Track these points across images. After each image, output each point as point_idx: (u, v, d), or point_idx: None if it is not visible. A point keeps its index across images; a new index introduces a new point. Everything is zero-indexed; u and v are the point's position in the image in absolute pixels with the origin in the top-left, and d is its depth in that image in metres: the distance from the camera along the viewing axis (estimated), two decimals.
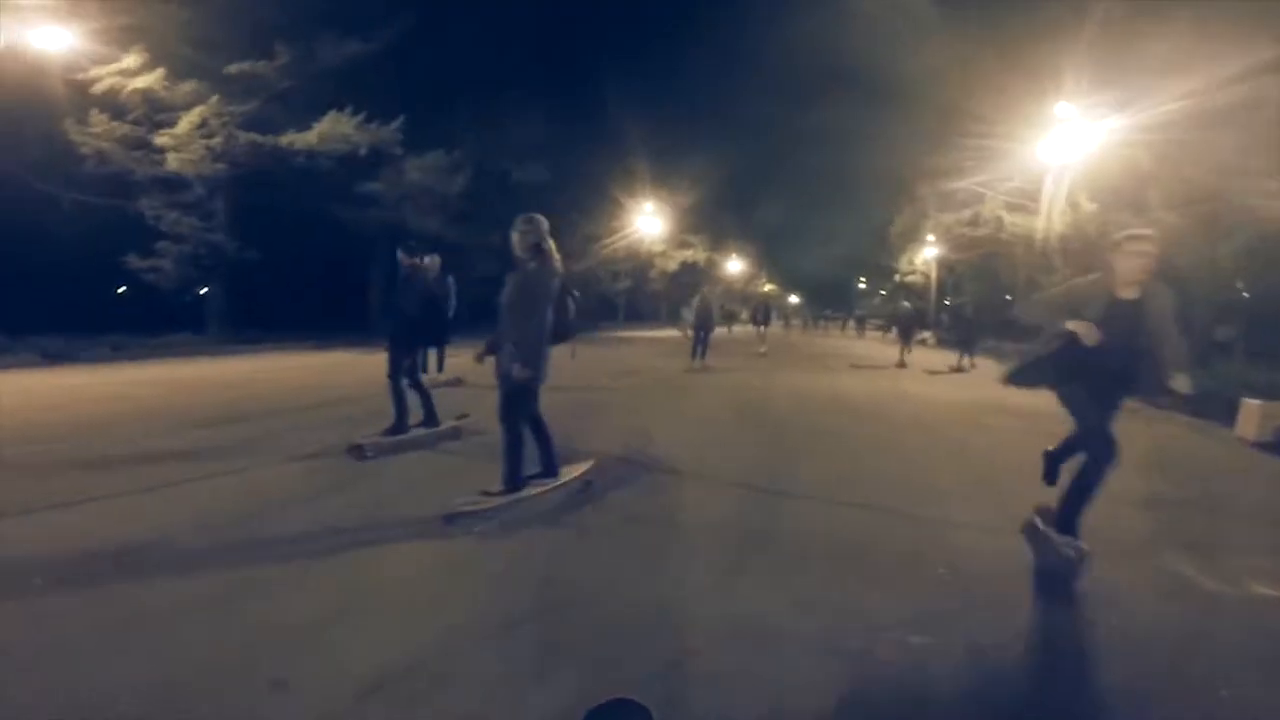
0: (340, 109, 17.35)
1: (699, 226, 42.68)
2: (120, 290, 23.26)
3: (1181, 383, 3.09)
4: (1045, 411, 9.24)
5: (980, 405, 9.47)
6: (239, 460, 5.08)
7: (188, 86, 15.82)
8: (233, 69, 16.30)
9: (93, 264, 19.37)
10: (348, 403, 7.94)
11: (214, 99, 15.93)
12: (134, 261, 17.03)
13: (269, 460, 5.13)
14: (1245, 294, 20.51)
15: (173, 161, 15.85)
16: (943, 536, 3.72)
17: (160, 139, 15.76)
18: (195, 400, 8.23)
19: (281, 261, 22.49)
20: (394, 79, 19.72)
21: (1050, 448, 3.76)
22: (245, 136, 16.71)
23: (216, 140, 16.32)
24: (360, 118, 17.63)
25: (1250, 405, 7.65)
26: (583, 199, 30.82)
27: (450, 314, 7.59)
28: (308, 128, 17.26)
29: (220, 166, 16.65)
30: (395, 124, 18.15)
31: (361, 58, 18.38)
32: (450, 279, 8.27)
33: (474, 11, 24.05)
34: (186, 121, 15.70)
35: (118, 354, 13.93)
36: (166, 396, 8.49)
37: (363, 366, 12.14)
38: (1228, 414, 8.79)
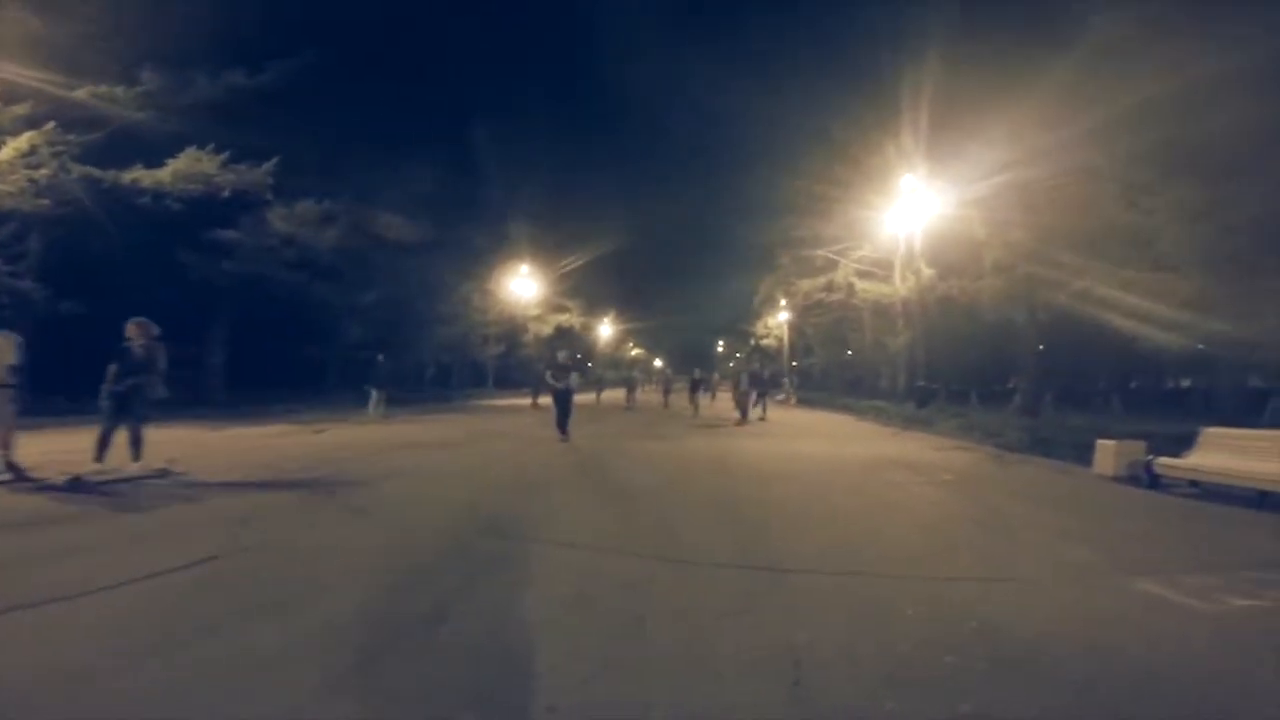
0: (203, 146, 15.77)
1: (574, 291, 43.02)
2: None
3: None
4: (925, 461, 9.98)
5: (876, 463, 10.08)
6: (78, 577, 3.66)
7: (22, 108, 13.80)
8: (82, 93, 14.42)
9: None
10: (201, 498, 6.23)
11: (49, 125, 13.92)
12: None
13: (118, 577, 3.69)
14: (1040, 348, 23.62)
15: None
16: (943, 593, 3.79)
17: None
18: None
19: (106, 316, 19.52)
20: (275, 119, 18.29)
21: None
22: (80, 170, 14.67)
23: (44, 172, 14.20)
24: (225, 157, 16.11)
25: (1105, 446, 8.71)
26: (459, 260, 30.08)
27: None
28: (161, 164, 15.46)
29: (43, 202, 14.41)
30: (267, 166, 16.79)
31: (242, 92, 16.94)
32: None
33: (370, 62, 23.45)
34: (11, 148, 13.57)
35: None
36: None
37: (208, 447, 10.46)
38: (1072, 454, 10.01)
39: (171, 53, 15.74)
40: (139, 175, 15.48)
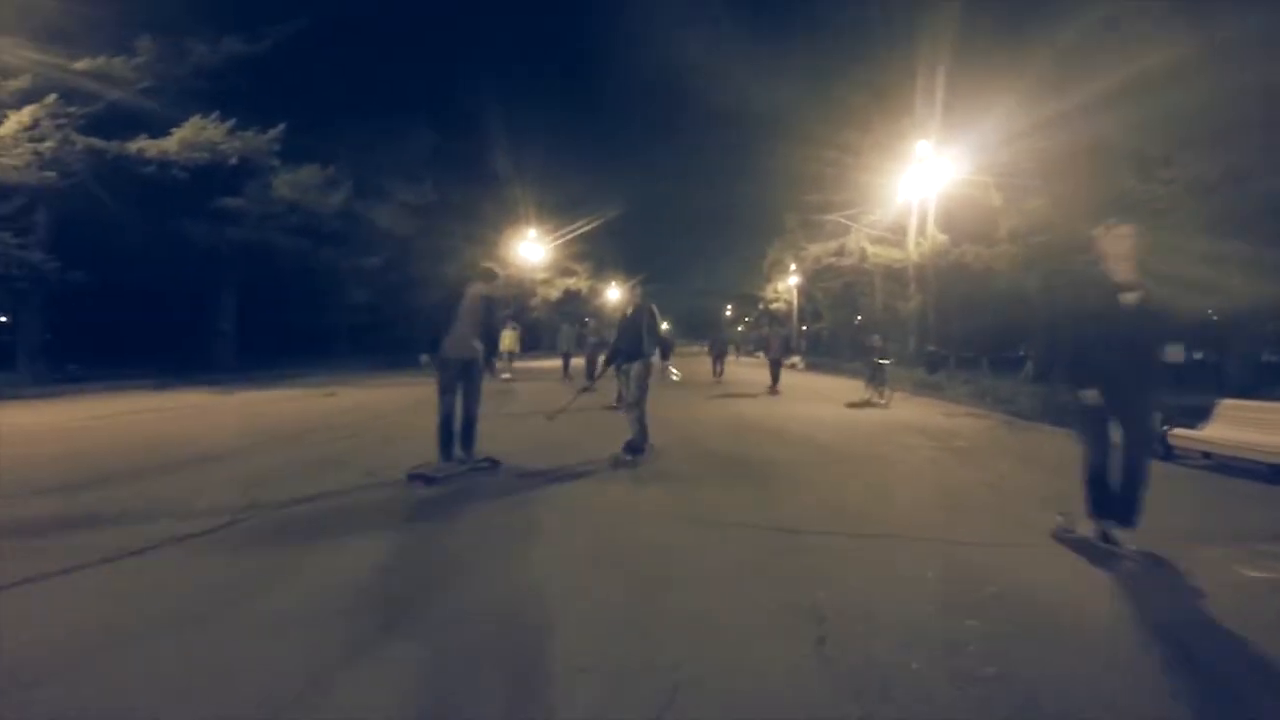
0: (207, 114, 15.60)
1: (582, 255, 42.66)
2: None
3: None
4: (936, 427, 9.91)
5: (888, 427, 10.11)
6: (102, 543, 3.76)
7: (20, 82, 13.68)
8: (82, 65, 14.25)
9: None
10: (216, 461, 6.39)
11: (51, 98, 13.77)
12: None
13: (142, 542, 3.79)
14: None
15: None
16: (962, 557, 3.83)
17: None
18: (13, 459, 6.37)
19: (115, 285, 19.69)
20: (274, 86, 18.03)
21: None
22: (84, 141, 14.56)
23: (48, 145, 14.12)
24: (231, 124, 15.95)
25: None
26: (465, 223, 29.89)
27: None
28: (166, 133, 15.32)
29: (48, 175, 14.32)
30: (273, 132, 16.62)
31: (241, 60, 16.64)
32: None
33: (369, 25, 23.07)
34: (14, 121, 13.47)
35: None
36: None
37: (221, 411, 10.60)
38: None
39: (167, 22, 15.49)
40: (144, 145, 15.37)
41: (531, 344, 43.19)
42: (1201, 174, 11.07)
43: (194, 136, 15.53)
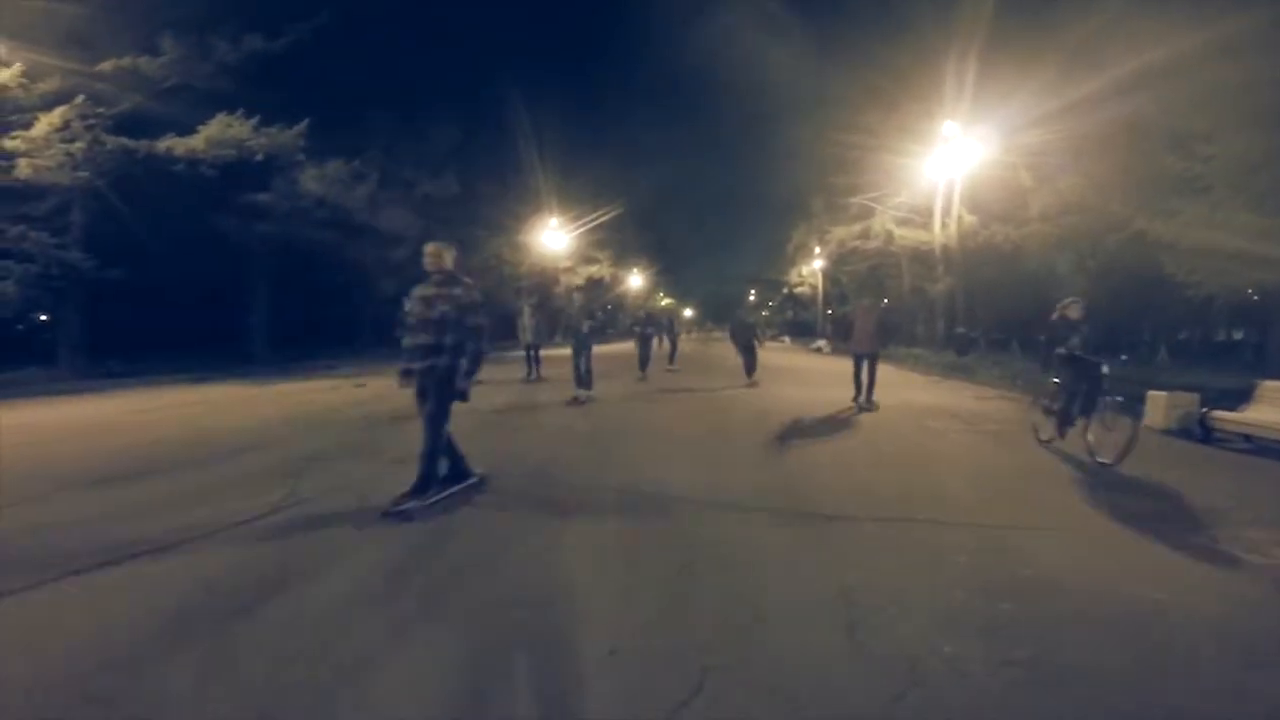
0: (232, 111, 15.83)
1: (604, 242, 42.63)
2: None
3: None
4: (968, 410, 9.72)
5: (913, 409, 10.02)
6: (162, 533, 3.82)
7: (48, 85, 13.97)
8: (107, 66, 14.52)
9: None
10: (255, 450, 6.58)
11: (79, 99, 14.08)
12: None
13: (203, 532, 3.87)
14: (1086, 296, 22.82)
15: (24, 169, 13.81)
16: (995, 542, 3.77)
17: (10, 143, 13.73)
18: (60, 453, 6.46)
19: (149, 282, 20.17)
20: (297, 82, 18.22)
21: None
22: (114, 141, 14.89)
23: (79, 145, 14.45)
24: (256, 120, 16.20)
25: (1157, 397, 8.42)
26: (489, 214, 30.04)
27: None
28: (192, 131, 15.59)
29: (81, 175, 14.68)
30: (298, 128, 16.84)
31: (262, 56, 16.84)
32: None
33: (387, 19, 23.20)
34: (45, 123, 13.77)
35: None
36: (20, 448, 6.63)
37: (259, 403, 10.81)
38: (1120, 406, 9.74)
39: (187, 22, 15.69)
40: (172, 143, 15.63)
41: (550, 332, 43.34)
42: (1244, 152, 10.67)
43: (221, 134, 15.78)
